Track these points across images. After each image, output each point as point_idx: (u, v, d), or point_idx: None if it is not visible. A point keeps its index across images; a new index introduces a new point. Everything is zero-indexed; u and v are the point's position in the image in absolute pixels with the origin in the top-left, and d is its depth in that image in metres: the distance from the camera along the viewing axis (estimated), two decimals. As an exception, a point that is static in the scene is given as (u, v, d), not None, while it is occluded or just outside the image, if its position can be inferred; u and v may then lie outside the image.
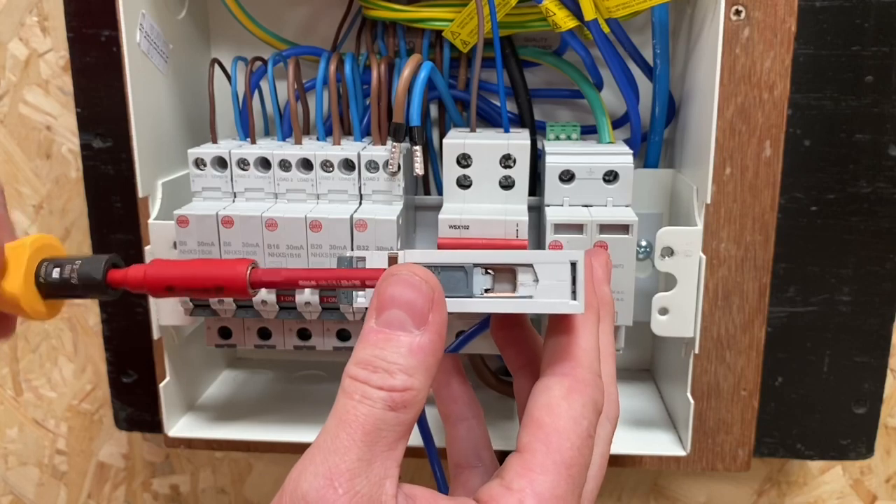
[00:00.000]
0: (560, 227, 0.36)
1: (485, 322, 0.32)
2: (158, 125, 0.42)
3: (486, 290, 0.25)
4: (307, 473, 0.22)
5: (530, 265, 0.25)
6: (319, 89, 0.42)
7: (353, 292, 0.26)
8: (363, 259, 0.26)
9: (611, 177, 0.38)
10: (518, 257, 0.25)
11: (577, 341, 0.27)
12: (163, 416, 0.42)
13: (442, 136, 0.45)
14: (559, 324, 0.27)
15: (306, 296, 0.38)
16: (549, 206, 0.38)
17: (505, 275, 0.25)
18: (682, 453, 0.41)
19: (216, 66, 0.42)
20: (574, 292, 0.25)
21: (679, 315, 0.39)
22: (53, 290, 0.28)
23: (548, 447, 0.24)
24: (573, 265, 0.25)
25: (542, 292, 0.25)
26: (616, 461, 0.49)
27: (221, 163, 0.40)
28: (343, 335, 0.40)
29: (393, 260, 0.25)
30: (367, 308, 0.25)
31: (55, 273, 0.28)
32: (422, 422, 0.29)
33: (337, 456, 0.22)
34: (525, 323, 0.31)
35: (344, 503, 0.22)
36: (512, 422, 0.45)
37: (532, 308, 0.25)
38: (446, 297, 0.24)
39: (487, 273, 0.25)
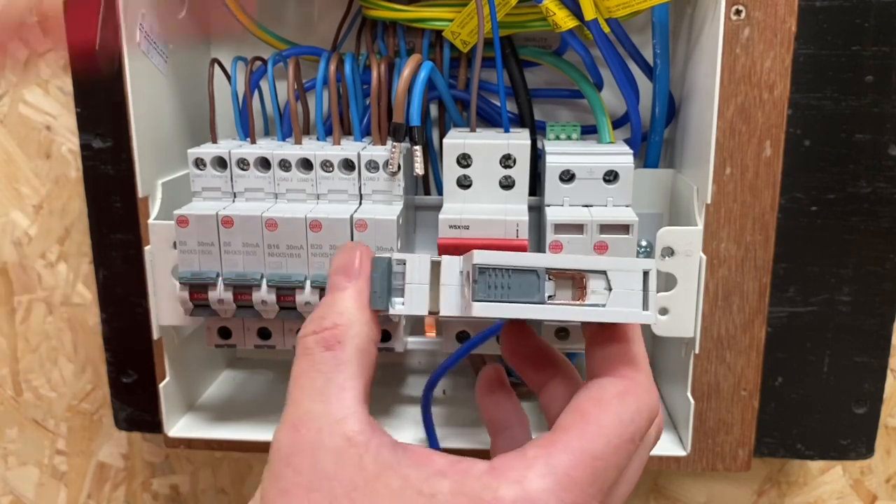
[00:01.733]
0: (560, 227, 0.36)
1: (496, 328, 0.32)
2: (158, 125, 0.42)
3: (550, 297, 0.24)
4: (277, 429, 0.25)
5: (604, 272, 0.24)
6: (319, 89, 0.41)
7: (392, 298, 0.26)
8: (403, 262, 0.26)
9: (611, 177, 0.38)
10: (592, 263, 0.24)
11: (633, 348, 0.26)
12: (163, 416, 0.42)
13: (442, 136, 0.45)
14: (612, 332, 0.27)
15: (306, 295, 0.38)
16: (549, 206, 0.38)
17: (565, 281, 0.24)
18: (682, 453, 0.41)
19: (216, 66, 0.42)
20: (646, 302, 0.24)
21: (679, 315, 0.39)
22: None
23: (582, 433, 0.23)
24: (645, 274, 0.24)
25: (615, 301, 0.24)
26: (616, 461, 0.49)
27: (221, 163, 0.40)
28: (343, 335, 0.40)
29: (436, 265, 0.26)
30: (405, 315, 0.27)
31: None
32: (426, 417, 0.30)
33: (293, 407, 0.24)
34: (534, 332, 0.31)
35: (308, 441, 0.23)
36: (512, 422, 0.45)
37: (604, 317, 0.24)
38: (518, 302, 0.24)
39: (550, 279, 0.24)
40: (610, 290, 0.24)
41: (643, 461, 0.27)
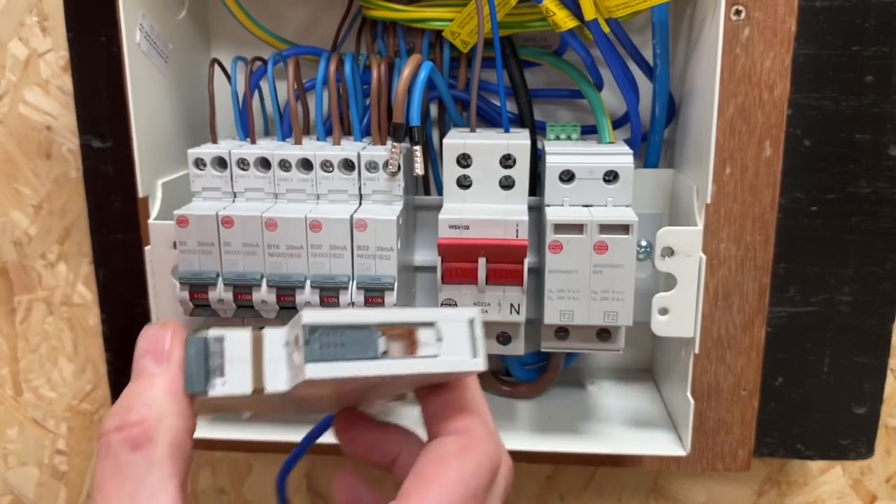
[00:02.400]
0: (560, 227, 0.36)
1: (326, 421, 0.30)
2: (158, 125, 0.42)
3: (384, 353, 0.23)
4: None
5: (433, 323, 0.24)
6: (319, 89, 0.42)
7: (211, 380, 0.23)
8: (221, 339, 0.23)
9: (611, 177, 0.38)
10: (420, 315, 0.24)
11: (467, 395, 0.26)
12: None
13: (442, 136, 0.45)
14: (443, 385, 0.26)
15: (306, 295, 0.38)
16: (549, 206, 0.38)
17: (395, 335, 0.24)
18: (682, 453, 0.41)
19: (216, 66, 0.42)
20: (475, 349, 0.24)
21: (679, 315, 0.39)
22: None
23: (424, 497, 0.23)
24: (471, 322, 0.24)
25: (446, 350, 0.24)
26: (616, 461, 0.50)
27: (221, 163, 0.40)
28: (343, 335, 0.40)
29: (258, 338, 0.23)
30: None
31: None
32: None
33: None
34: (366, 415, 0.30)
35: None
36: (513, 422, 0.45)
37: (438, 367, 0.24)
38: (352, 359, 0.23)
39: (382, 334, 0.23)
40: (440, 340, 0.24)
41: None
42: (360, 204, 0.39)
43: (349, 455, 0.29)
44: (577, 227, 0.36)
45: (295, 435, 0.43)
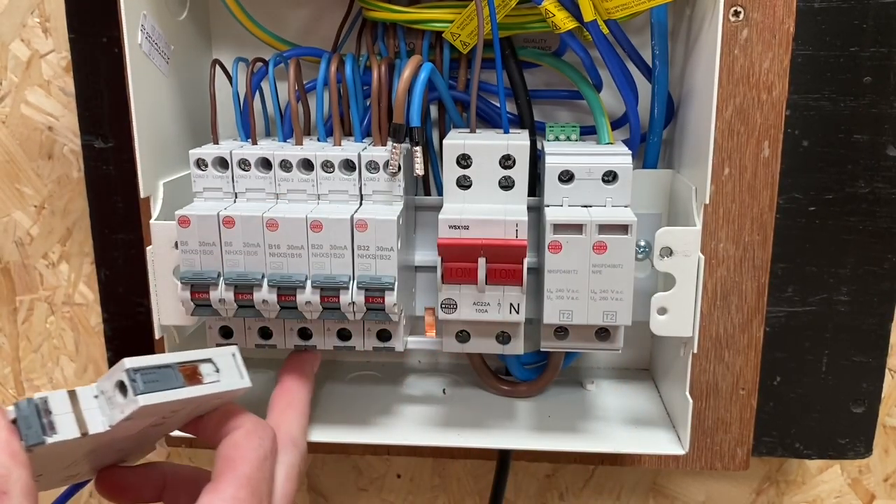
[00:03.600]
0: (559, 228, 0.37)
1: (72, 488, 0.38)
2: (160, 126, 0.42)
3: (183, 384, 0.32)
4: None
5: (209, 359, 0.33)
6: (320, 90, 0.42)
7: (46, 432, 0.29)
8: (45, 399, 0.29)
9: (610, 177, 0.38)
10: (198, 355, 0.33)
11: (235, 405, 0.35)
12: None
13: (442, 136, 0.45)
14: (217, 409, 0.35)
15: (307, 295, 0.38)
16: (548, 206, 0.38)
17: (185, 372, 0.32)
18: (680, 452, 0.42)
19: (217, 67, 0.42)
20: (241, 373, 0.34)
21: (678, 315, 0.39)
22: None
23: (233, 469, 0.31)
24: (234, 355, 0.35)
25: (224, 376, 0.33)
26: (615, 460, 0.50)
27: (223, 163, 0.40)
28: (344, 334, 0.41)
29: (73, 395, 0.30)
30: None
31: None
32: None
33: None
34: (125, 466, 0.37)
35: None
36: (512, 421, 0.45)
37: (222, 387, 0.33)
38: (163, 389, 0.30)
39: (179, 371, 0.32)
40: (218, 370, 0.33)
41: (290, 466, 0.36)
42: (361, 204, 0.39)
43: (118, 503, 0.36)
44: (577, 228, 0.37)
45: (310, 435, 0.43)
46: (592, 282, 0.37)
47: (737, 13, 0.42)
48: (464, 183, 0.39)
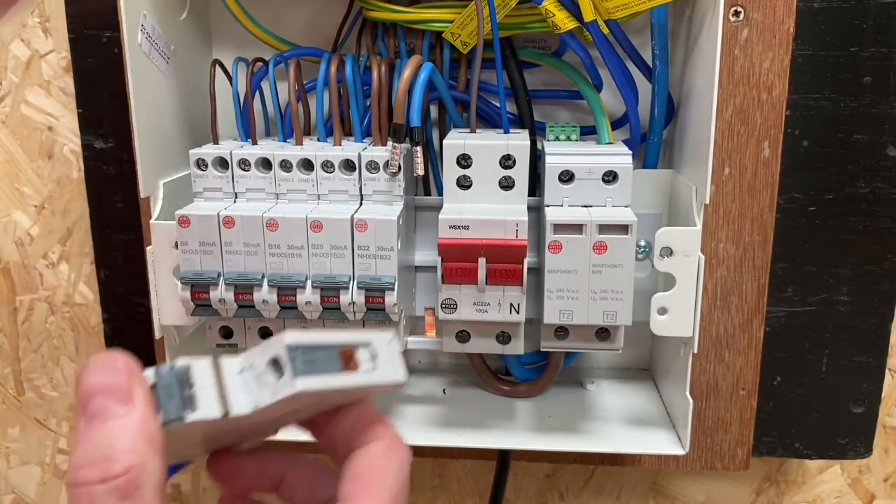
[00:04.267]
0: (560, 228, 0.37)
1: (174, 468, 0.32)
2: (160, 126, 0.42)
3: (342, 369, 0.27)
4: None
5: (368, 343, 0.27)
6: (320, 90, 0.42)
7: (185, 409, 0.25)
8: (188, 369, 0.25)
9: (610, 177, 0.38)
10: (357, 337, 0.27)
11: (376, 409, 0.29)
12: (164, 415, 0.42)
13: (442, 136, 0.45)
14: (355, 406, 0.29)
15: (307, 295, 0.38)
16: (548, 206, 0.38)
17: (343, 355, 0.27)
18: (681, 452, 0.42)
19: (217, 67, 0.42)
20: (397, 365, 0.28)
21: (678, 315, 0.39)
22: None
23: (370, 494, 0.26)
24: (391, 342, 0.28)
25: (380, 366, 0.27)
26: (615, 460, 0.50)
27: (223, 163, 0.40)
28: (344, 335, 0.41)
29: (218, 366, 0.25)
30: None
31: None
32: None
33: None
34: (241, 451, 0.31)
35: None
36: (512, 421, 0.45)
37: (375, 379, 0.27)
38: (322, 374, 0.25)
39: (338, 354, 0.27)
40: (375, 357, 0.27)
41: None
42: (361, 204, 0.39)
43: (230, 490, 0.31)
44: (577, 228, 0.37)
45: (294, 435, 0.43)
46: (592, 282, 0.37)
47: (737, 13, 0.42)
48: (464, 183, 0.39)
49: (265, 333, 0.41)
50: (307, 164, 0.39)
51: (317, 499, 0.29)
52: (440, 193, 0.45)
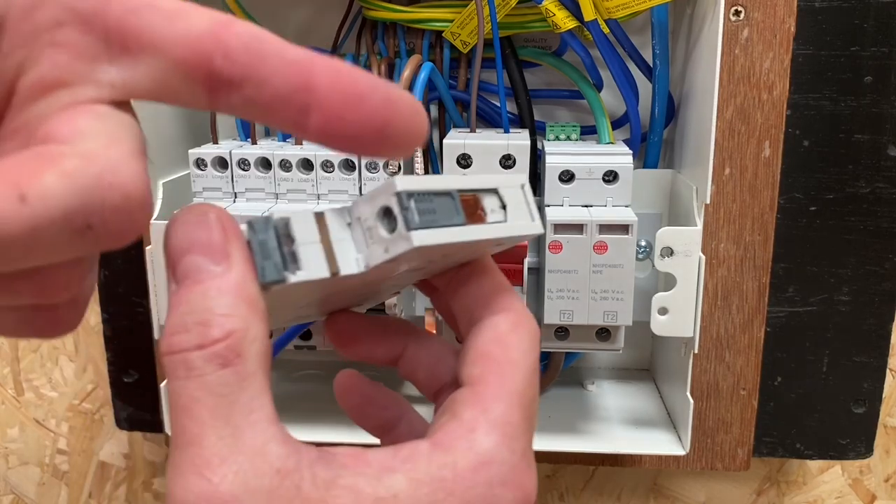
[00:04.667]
0: (560, 227, 0.37)
1: (297, 329, 0.29)
2: (159, 125, 0.42)
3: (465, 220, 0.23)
4: (176, 480, 0.19)
5: (496, 189, 0.23)
6: (320, 90, 0.42)
7: (288, 266, 0.21)
8: (287, 222, 0.21)
9: (610, 177, 0.38)
10: (483, 182, 0.23)
11: (500, 277, 0.25)
12: (163, 415, 0.42)
13: (442, 136, 0.45)
14: (473, 267, 0.25)
15: (307, 295, 0.38)
16: (549, 206, 0.38)
17: (466, 203, 0.23)
18: (681, 453, 0.42)
19: (217, 67, 0.42)
20: (531, 214, 0.24)
21: (678, 315, 0.39)
22: None
23: (501, 378, 0.23)
24: (523, 187, 0.24)
25: (511, 216, 0.23)
26: (616, 460, 0.50)
27: (222, 163, 0.40)
28: (343, 335, 0.41)
29: (321, 219, 0.22)
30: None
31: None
32: None
33: (193, 448, 0.19)
34: (362, 314, 0.28)
35: (229, 489, 0.18)
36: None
37: (509, 231, 0.23)
38: (442, 226, 0.21)
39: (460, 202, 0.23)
40: (504, 207, 0.23)
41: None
42: (361, 204, 0.39)
43: (348, 355, 0.28)
44: (577, 227, 0.37)
45: (294, 435, 0.43)
46: (593, 282, 0.37)
47: (737, 13, 0.42)
48: (464, 183, 0.39)
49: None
50: (307, 164, 0.39)
51: (438, 380, 0.26)
52: (440, 193, 0.45)
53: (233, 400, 0.19)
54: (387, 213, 0.21)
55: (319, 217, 0.22)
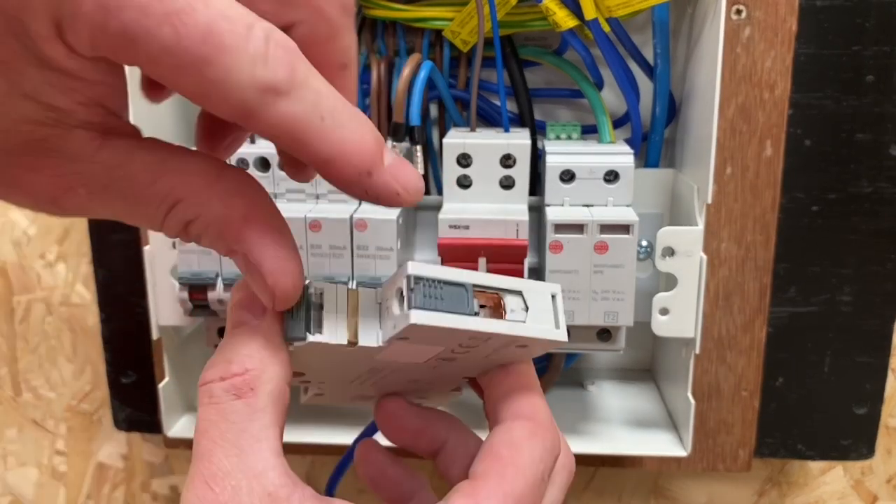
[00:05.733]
0: (560, 227, 0.36)
1: (369, 430, 0.32)
2: (158, 125, 0.42)
3: (477, 313, 0.24)
4: (188, 487, 0.22)
5: (520, 292, 0.25)
6: (319, 89, 0.41)
7: (311, 327, 0.24)
8: (321, 292, 0.24)
9: (611, 176, 0.38)
10: (510, 283, 0.25)
11: (532, 382, 0.27)
12: (162, 416, 0.42)
13: (442, 135, 0.45)
14: (513, 379, 0.27)
15: (306, 296, 0.38)
16: (549, 205, 0.38)
17: (485, 299, 0.25)
18: (682, 454, 0.41)
19: (215, 66, 0.42)
20: (557, 321, 0.25)
21: (680, 315, 0.39)
22: None
23: (502, 477, 0.24)
24: (553, 297, 0.25)
25: (533, 319, 0.25)
26: (617, 461, 0.49)
27: (221, 162, 0.40)
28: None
29: (354, 295, 0.24)
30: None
31: None
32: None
33: (203, 462, 0.22)
34: (411, 403, 0.30)
35: (226, 501, 0.21)
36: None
37: (525, 331, 0.25)
38: (447, 312, 0.23)
39: (475, 296, 0.25)
40: (527, 309, 0.25)
41: (555, 500, 0.27)
42: (360, 204, 0.39)
43: (393, 441, 0.30)
44: (578, 227, 0.36)
45: (294, 436, 0.43)
46: (594, 282, 0.37)
47: (739, 11, 0.41)
48: (464, 182, 0.39)
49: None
50: (306, 164, 0.39)
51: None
52: (440, 193, 0.45)
53: (242, 428, 0.22)
54: (399, 294, 0.23)
55: (353, 292, 0.24)
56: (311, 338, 0.23)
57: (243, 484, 0.21)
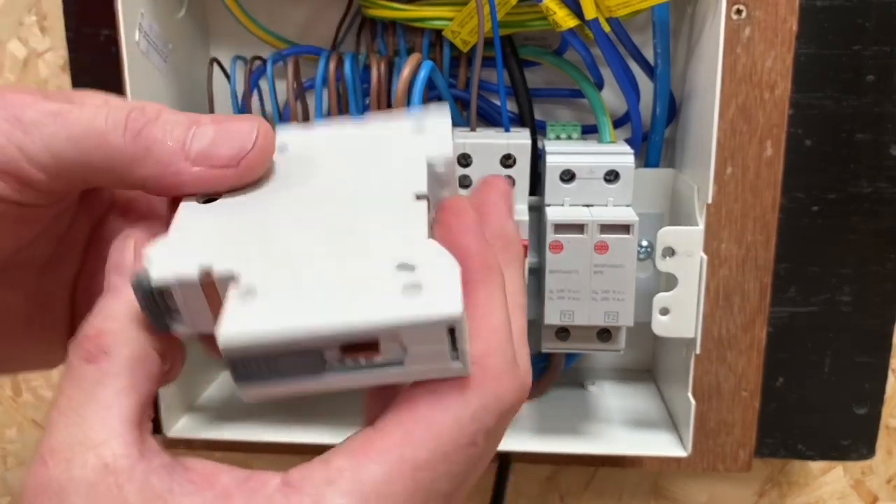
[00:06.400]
0: (560, 227, 0.36)
1: None
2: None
3: (339, 361, 0.19)
4: (31, 463, 0.20)
5: (394, 334, 0.18)
6: (319, 89, 0.41)
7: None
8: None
9: (611, 176, 0.38)
10: (376, 322, 0.18)
11: (482, 324, 0.21)
12: (162, 416, 0.42)
13: (442, 135, 0.45)
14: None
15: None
16: (549, 205, 0.38)
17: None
18: (682, 454, 0.41)
19: (215, 66, 0.42)
20: (457, 355, 0.19)
21: (680, 315, 0.39)
22: None
23: (406, 437, 0.19)
24: (451, 331, 0.18)
25: (415, 359, 0.19)
26: (616, 462, 0.49)
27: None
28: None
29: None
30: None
31: None
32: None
33: (46, 434, 0.20)
34: None
35: (55, 476, 0.19)
36: (513, 423, 0.44)
37: (405, 378, 0.19)
38: (294, 377, 0.19)
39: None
40: (406, 350, 0.19)
41: (490, 456, 0.22)
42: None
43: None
44: (578, 227, 0.36)
45: (294, 436, 0.43)
46: (594, 282, 0.37)
47: (739, 11, 0.41)
48: (464, 182, 0.39)
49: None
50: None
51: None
52: (440, 193, 0.45)
53: (91, 394, 0.20)
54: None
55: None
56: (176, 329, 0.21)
57: (77, 455, 0.19)
